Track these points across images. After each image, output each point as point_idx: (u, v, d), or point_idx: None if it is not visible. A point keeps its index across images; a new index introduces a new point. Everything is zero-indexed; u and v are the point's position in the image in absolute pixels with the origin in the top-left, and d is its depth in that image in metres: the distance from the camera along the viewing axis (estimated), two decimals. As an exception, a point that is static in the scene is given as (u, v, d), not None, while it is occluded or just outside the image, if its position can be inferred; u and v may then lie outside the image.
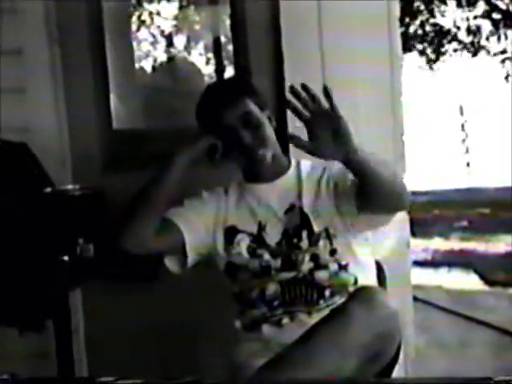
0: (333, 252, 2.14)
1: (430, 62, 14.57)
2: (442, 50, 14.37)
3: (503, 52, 13.92)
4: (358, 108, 2.70)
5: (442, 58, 14.52)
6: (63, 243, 2.19)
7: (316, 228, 2.14)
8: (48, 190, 2.30)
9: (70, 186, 2.39)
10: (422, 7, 13.79)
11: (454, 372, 4.06)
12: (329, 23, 2.73)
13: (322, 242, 2.14)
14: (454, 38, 14.19)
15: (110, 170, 2.85)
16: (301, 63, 2.75)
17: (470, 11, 13.70)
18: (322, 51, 2.73)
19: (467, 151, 18.76)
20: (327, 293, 2.12)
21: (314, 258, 2.13)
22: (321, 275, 2.12)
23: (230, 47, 3.02)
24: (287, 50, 2.75)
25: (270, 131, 2.20)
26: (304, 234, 2.14)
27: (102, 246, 2.22)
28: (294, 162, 2.29)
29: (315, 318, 2.01)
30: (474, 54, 14.29)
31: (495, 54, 14.12)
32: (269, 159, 2.17)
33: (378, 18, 2.75)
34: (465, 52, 14.32)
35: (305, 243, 2.13)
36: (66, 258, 2.17)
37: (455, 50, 14.34)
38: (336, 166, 2.13)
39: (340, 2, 2.74)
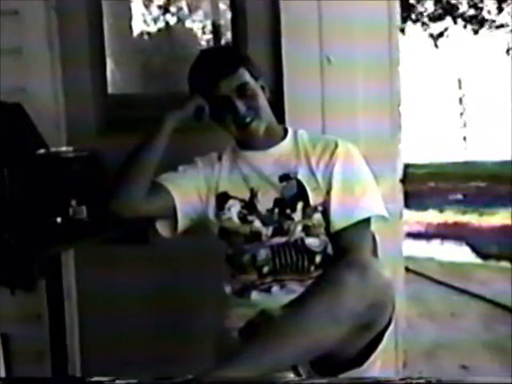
0: (327, 229, 2.14)
1: (431, 35, 14.49)
2: (443, 22, 14.27)
3: (504, 25, 13.83)
4: (355, 77, 2.70)
5: (442, 30, 14.43)
6: (56, 204, 2.19)
7: (312, 201, 2.13)
8: (41, 151, 2.29)
9: (63, 148, 2.38)
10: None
11: (443, 343, 4.10)
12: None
13: (316, 216, 2.13)
14: (455, 11, 14.09)
15: (105, 134, 2.85)
16: (298, 32, 2.74)
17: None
18: (320, 21, 2.71)
19: (464, 125, 18.79)
20: (318, 259, 2.12)
21: (306, 228, 2.13)
22: (312, 241, 2.12)
23: (229, 15, 3.00)
24: (285, 19, 2.74)
25: (263, 101, 2.19)
26: (299, 205, 2.13)
27: (96, 208, 2.21)
28: (290, 132, 2.28)
29: (305, 287, 2.01)
30: (476, 29, 14.19)
31: (498, 27, 14.03)
32: (262, 130, 2.17)
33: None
34: (465, 25, 14.22)
35: (298, 215, 2.12)
36: (58, 219, 2.17)
37: (455, 23, 14.24)
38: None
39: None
